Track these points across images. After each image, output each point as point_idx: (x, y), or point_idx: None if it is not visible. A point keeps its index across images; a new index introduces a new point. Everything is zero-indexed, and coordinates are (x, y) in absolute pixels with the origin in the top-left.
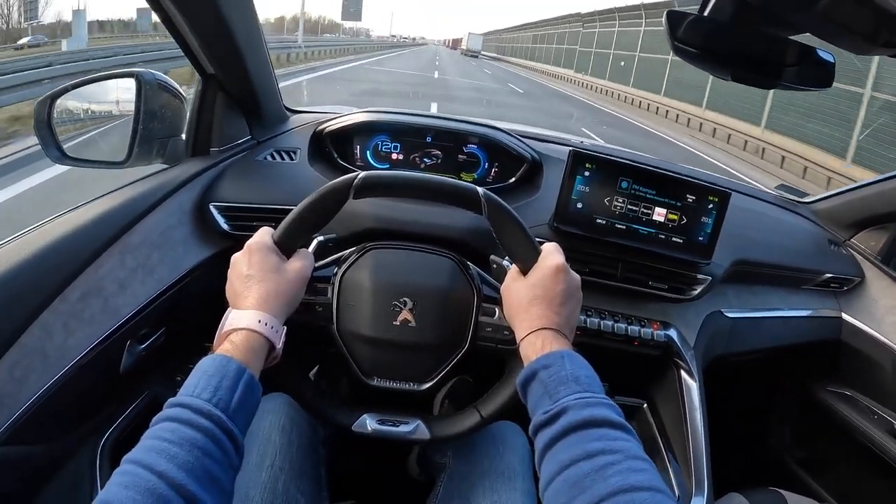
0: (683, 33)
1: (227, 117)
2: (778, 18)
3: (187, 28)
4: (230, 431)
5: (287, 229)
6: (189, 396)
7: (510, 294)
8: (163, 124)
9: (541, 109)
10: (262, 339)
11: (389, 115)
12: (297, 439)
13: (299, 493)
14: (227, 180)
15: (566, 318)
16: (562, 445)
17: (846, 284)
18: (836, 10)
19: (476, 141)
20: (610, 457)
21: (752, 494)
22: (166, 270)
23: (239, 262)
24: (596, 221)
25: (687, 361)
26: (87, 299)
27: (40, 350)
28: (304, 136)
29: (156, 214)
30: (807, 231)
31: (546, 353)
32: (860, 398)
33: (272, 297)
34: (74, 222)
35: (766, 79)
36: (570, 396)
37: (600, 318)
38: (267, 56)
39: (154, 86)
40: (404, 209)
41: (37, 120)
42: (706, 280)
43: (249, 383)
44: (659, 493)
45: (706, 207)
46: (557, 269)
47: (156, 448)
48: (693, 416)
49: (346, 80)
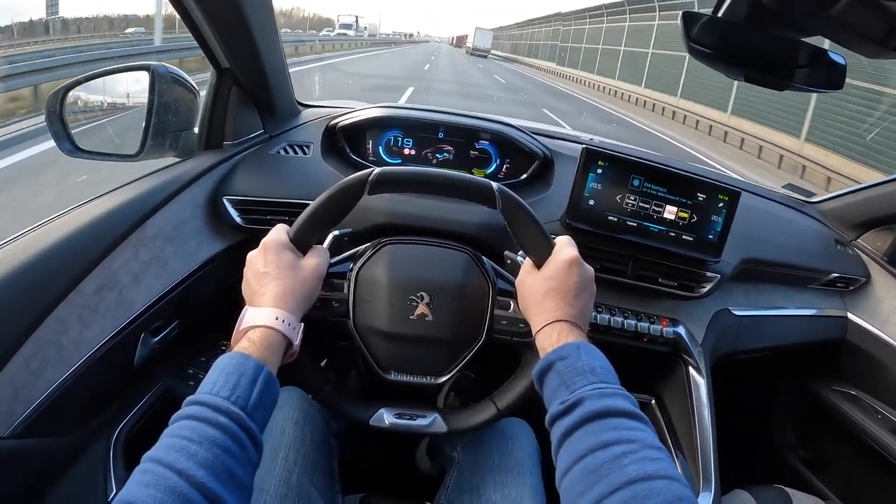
0: (698, 33)
1: (240, 111)
2: (791, 21)
3: (205, 22)
4: (249, 429)
5: (302, 226)
6: (208, 394)
7: (525, 287)
8: (176, 117)
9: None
10: (280, 336)
11: (402, 110)
12: (311, 433)
13: (312, 486)
14: (240, 174)
15: (581, 309)
16: (578, 435)
17: (852, 284)
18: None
19: (488, 137)
20: (626, 446)
21: (758, 491)
22: (180, 263)
23: (255, 259)
24: (608, 218)
25: (695, 358)
26: (102, 292)
27: (56, 343)
28: (316, 130)
29: (169, 208)
30: (814, 231)
31: (562, 345)
32: (865, 398)
33: (289, 294)
34: (89, 215)
35: (778, 80)
36: (587, 387)
37: (610, 315)
38: (281, 51)
39: (167, 79)
40: (418, 204)
41: (49, 112)
42: (715, 278)
43: (268, 381)
44: (675, 481)
45: (716, 206)
46: (571, 262)
47: (176, 446)
48: (701, 413)
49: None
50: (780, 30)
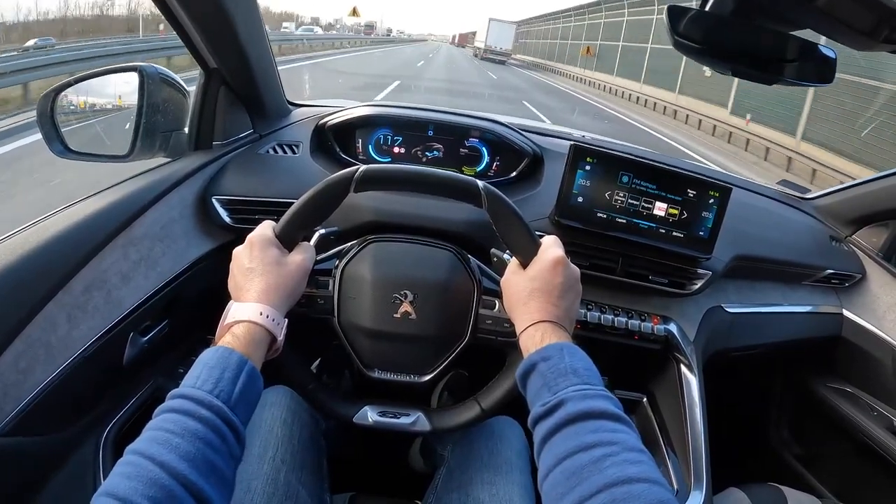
0: (685, 28)
1: (229, 111)
2: (779, 14)
3: (190, 22)
4: (231, 422)
5: (288, 222)
6: (191, 388)
7: (510, 287)
8: (165, 118)
9: None
10: (264, 331)
11: (391, 108)
12: (299, 432)
13: (300, 484)
14: (229, 174)
15: (565, 310)
16: (560, 437)
17: (847, 281)
18: (837, 6)
19: (478, 135)
20: (607, 448)
21: (751, 489)
22: (169, 263)
23: (241, 255)
24: (596, 215)
25: (687, 356)
26: (90, 291)
27: (45, 342)
28: (306, 129)
29: (158, 207)
30: (808, 227)
31: (545, 346)
32: (860, 395)
33: (273, 289)
34: (78, 215)
35: (768, 74)
36: (569, 388)
37: (601, 312)
38: (269, 50)
39: (156, 80)
40: (405, 202)
41: (40, 114)
42: (706, 275)
43: (251, 375)
44: (656, 484)
45: (707, 202)
46: (556, 262)
47: (158, 439)
48: (693, 411)
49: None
50: (768, 23)
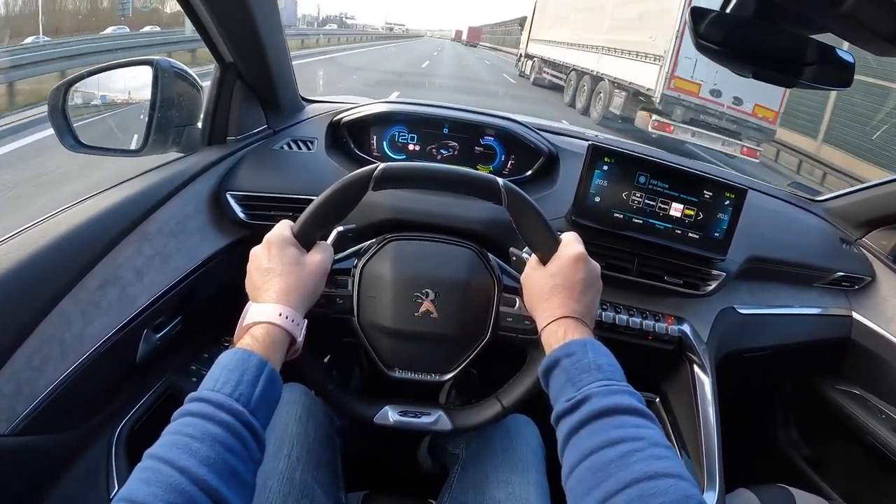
0: (706, 29)
1: (244, 106)
2: (800, 17)
3: (209, 16)
4: (251, 426)
5: (306, 222)
6: (210, 391)
7: (530, 283)
8: (179, 112)
9: None
10: (283, 332)
11: (406, 105)
12: (314, 430)
13: (316, 482)
14: (243, 169)
15: (587, 306)
16: (585, 433)
17: (857, 283)
18: (861, 11)
19: (493, 133)
20: (633, 444)
21: (761, 490)
22: (183, 259)
23: (258, 255)
24: (613, 215)
25: (700, 356)
26: (104, 288)
27: (58, 339)
28: (320, 125)
29: (172, 203)
30: (819, 229)
31: (568, 342)
32: (869, 397)
33: (292, 290)
34: (92, 211)
35: (787, 77)
36: (593, 384)
37: (615, 312)
38: (285, 45)
39: (170, 74)
40: (423, 200)
41: (51, 107)
42: (721, 276)
43: (271, 377)
44: (682, 480)
45: (723, 204)
46: (577, 258)
47: (177, 443)
48: (705, 411)
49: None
50: (789, 26)
